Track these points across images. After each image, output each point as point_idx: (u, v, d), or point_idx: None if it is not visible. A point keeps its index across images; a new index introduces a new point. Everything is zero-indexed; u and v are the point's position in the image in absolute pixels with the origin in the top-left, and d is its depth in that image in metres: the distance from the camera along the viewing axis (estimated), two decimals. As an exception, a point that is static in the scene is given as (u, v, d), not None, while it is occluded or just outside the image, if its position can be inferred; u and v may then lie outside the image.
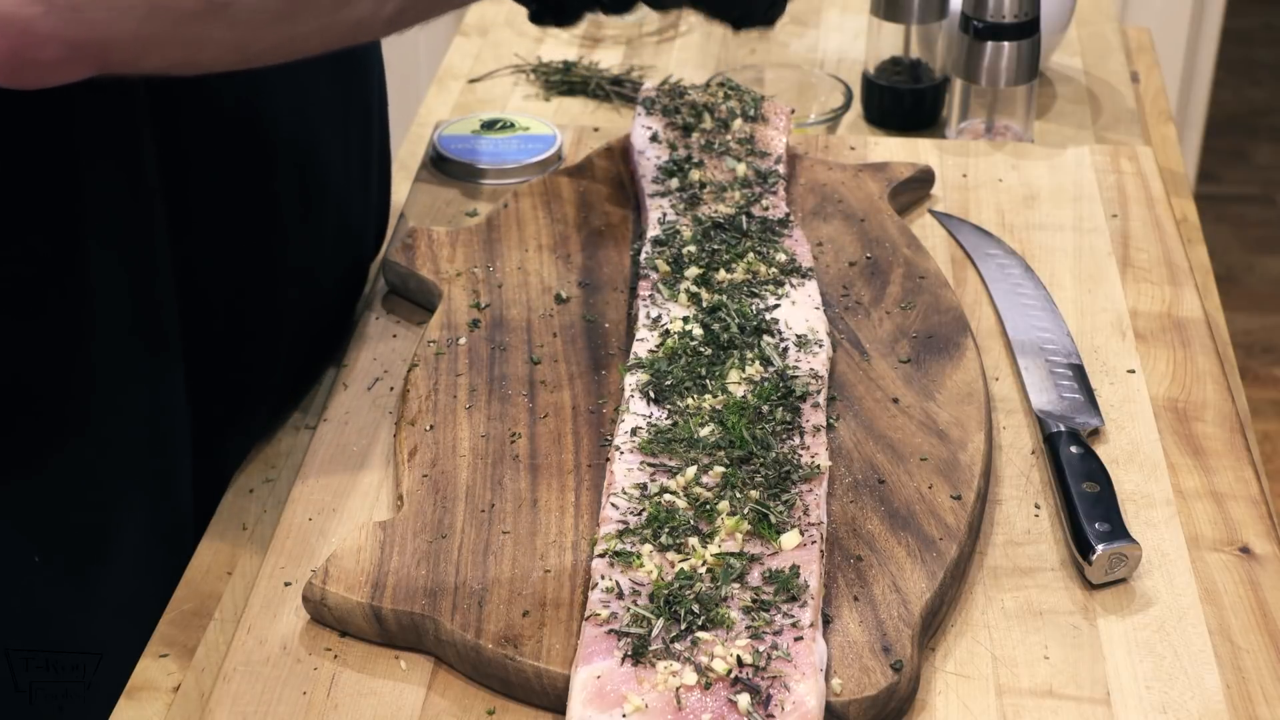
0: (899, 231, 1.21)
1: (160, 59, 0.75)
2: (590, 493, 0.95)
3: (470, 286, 1.14)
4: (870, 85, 1.49)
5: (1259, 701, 0.86)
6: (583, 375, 1.06)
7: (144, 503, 1.04)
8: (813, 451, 0.96)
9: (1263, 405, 2.73)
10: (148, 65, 0.75)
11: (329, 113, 1.12)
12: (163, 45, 0.73)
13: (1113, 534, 0.92)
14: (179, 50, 0.74)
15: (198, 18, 0.73)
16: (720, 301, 1.08)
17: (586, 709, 0.79)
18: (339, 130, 1.15)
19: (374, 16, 0.80)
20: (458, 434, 1.00)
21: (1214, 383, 1.10)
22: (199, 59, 0.76)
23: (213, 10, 0.73)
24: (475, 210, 1.28)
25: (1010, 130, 1.40)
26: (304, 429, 1.10)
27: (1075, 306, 1.17)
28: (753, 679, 0.80)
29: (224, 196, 1.04)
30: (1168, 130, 1.58)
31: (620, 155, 1.31)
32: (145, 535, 1.05)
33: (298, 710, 0.85)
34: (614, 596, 0.85)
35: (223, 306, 1.07)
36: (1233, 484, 1.01)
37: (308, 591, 0.89)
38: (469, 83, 1.57)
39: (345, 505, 0.98)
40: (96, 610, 1.06)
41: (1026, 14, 1.36)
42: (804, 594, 0.85)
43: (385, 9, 0.80)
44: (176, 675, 0.90)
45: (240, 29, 0.75)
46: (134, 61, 0.74)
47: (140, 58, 0.74)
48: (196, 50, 0.75)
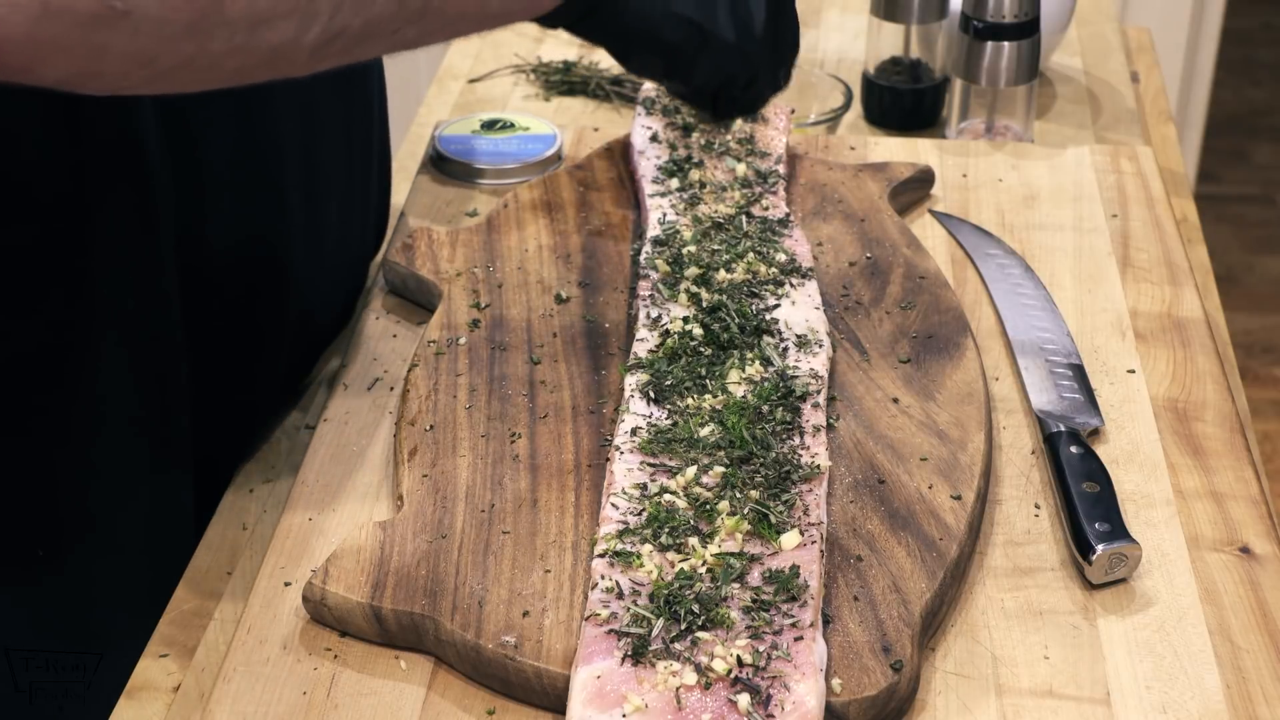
0: (899, 231, 1.21)
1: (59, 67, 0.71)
2: (590, 493, 0.95)
3: (470, 286, 1.14)
4: (870, 85, 1.50)
5: (1259, 701, 0.86)
6: (583, 375, 1.06)
7: (144, 495, 1.04)
8: (813, 451, 0.96)
9: (1263, 405, 2.73)
10: (47, 73, 0.71)
11: (332, 112, 1.12)
12: (61, 51, 0.70)
13: (1113, 534, 0.92)
14: (79, 59, 0.70)
15: (97, 23, 0.69)
16: (720, 301, 1.08)
17: (586, 709, 0.79)
18: (341, 129, 1.15)
19: (294, 44, 0.76)
20: (458, 434, 1.00)
21: (1214, 383, 1.10)
22: (101, 69, 0.72)
23: (113, 15, 0.69)
24: (475, 210, 1.28)
25: (1010, 130, 1.40)
26: (304, 429, 1.10)
27: (1075, 306, 1.17)
28: (753, 679, 0.80)
29: (232, 194, 1.05)
30: (1168, 130, 1.58)
31: (620, 155, 1.31)
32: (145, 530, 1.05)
33: (298, 710, 0.85)
34: (614, 596, 0.85)
35: (227, 303, 1.07)
36: (1233, 484, 1.01)
37: (308, 591, 0.89)
38: (469, 83, 1.57)
39: (345, 505, 0.98)
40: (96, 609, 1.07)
41: (1026, 14, 1.36)
42: (804, 594, 0.85)
43: (306, 36, 0.76)
44: (176, 675, 0.90)
45: (144, 40, 0.71)
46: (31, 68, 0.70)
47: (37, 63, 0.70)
48: (98, 59, 0.71)
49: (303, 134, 1.09)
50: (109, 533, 1.04)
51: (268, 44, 0.75)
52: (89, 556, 1.04)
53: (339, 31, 0.78)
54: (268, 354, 1.11)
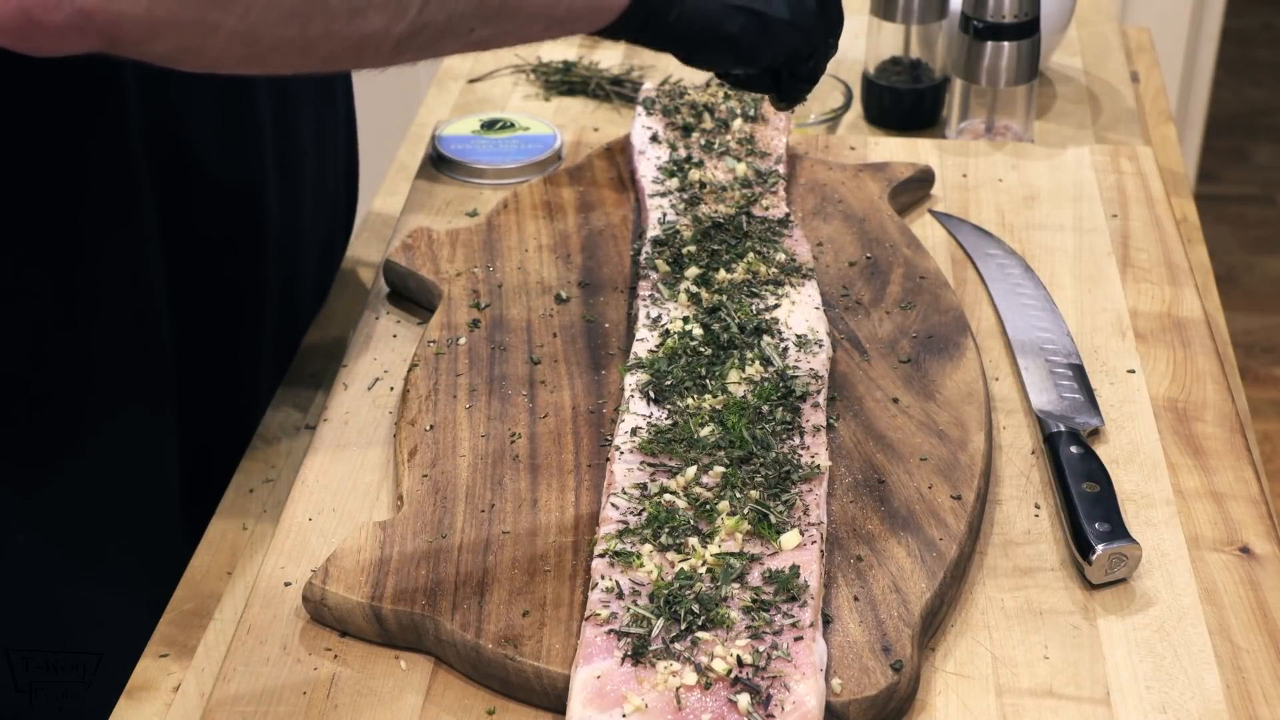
0: (899, 231, 1.21)
1: (168, 43, 0.75)
2: (590, 493, 0.95)
3: (470, 286, 1.14)
4: (870, 85, 1.50)
5: (1259, 701, 0.86)
6: (583, 375, 1.06)
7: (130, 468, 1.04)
8: (813, 451, 0.96)
9: (1263, 405, 2.72)
10: (156, 48, 0.75)
11: (303, 88, 1.16)
12: (173, 28, 0.74)
13: (1113, 534, 0.92)
14: (188, 35, 0.75)
15: (212, 4, 0.74)
16: (720, 301, 1.08)
17: (586, 709, 0.79)
18: (311, 106, 1.18)
19: (384, 34, 0.81)
20: (458, 434, 1.00)
21: (1214, 383, 1.10)
22: (207, 47, 0.76)
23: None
24: (475, 210, 1.28)
25: (1010, 130, 1.40)
26: (304, 429, 1.10)
27: (1075, 306, 1.17)
28: (753, 679, 0.80)
29: (215, 171, 1.06)
30: (1168, 130, 1.58)
31: (620, 155, 1.31)
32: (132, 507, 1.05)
33: (298, 710, 0.85)
34: (614, 596, 0.85)
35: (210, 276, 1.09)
36: (1233, 484, 1.01)
37: (308, 591, 0.89)
38: (469, 83, 1.57)
39: (345, 505, 0.98)
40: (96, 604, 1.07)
41: (1026, 14, 1.36)
42: (804, 594, 0.85)
43: (396, 28, 0.81)
44: (176, 675, 0.90)
45: (253, 20, 0.75)
46: (142, 42, 0.74)
47: (149, 38, 0.74)
48: (206, 37, 0.75)
49: (277, 111, 1.10)
50: (93, 508, 1.04)
51: (360, 33, 0.80)
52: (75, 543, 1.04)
53: (424, 26, 0.82)
54: (249, 326, 1.13)
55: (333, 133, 1.23)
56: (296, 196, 1.17)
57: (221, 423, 1.13)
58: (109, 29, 0.72)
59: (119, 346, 1.03)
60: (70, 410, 1.02)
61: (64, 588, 1.06)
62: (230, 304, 1.12)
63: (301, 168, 1.17)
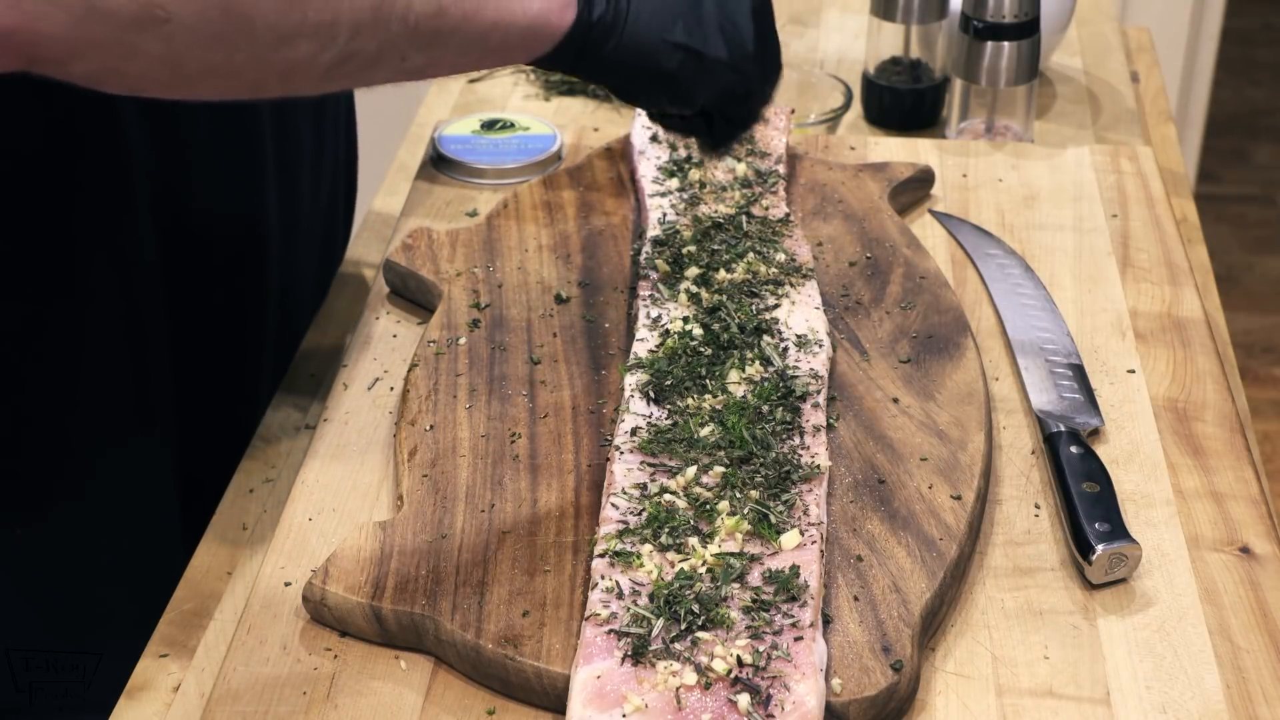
0: (899, 231, 1.21)
1: (90, 64, 0.74)
2: (590, 493, 0.95)
3: (470, 286, 1.14)
4: (870, 85, 1.49)
5: (1259, 701, 0.86)
6: (583, 375, 1.06)
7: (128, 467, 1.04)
8: (813, 451, 0.96)
9: (1263, 405, 2.72)
10: (77, 69, 0.74)
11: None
12: (95, 49, 0.73)
13: (1113, 534, 0.92)
14: (111, 57, 0.74)
15: (134, 26, 0.73)
16: (720, 301, 1.08)
17: (586, 709, 0.79)
18: (311, 101, 1.18)
19: (311, 63, 0.80)
20: (458, 434, 1.00)
21: (1214, 383, 1.10)
22: (129, 70, 0.75)
23: (151, 22, 0.73)
24: (475, 210, 1.28)
25: (1010, 130, 1.40)
26: (304, 429, 1.10)
27: (1075, 306, 1.17)
28: (753, 679, 0.80)
29: (213, 164, 1.06)
30: (1168, 130, 1.58)
31: (620, 155, 1.31)
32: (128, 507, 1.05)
33: (298, 710, 0.85)
34: (614, 596, 0.85)
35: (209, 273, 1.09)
36: (1233, 484, 1.01)
37: (308, 591, 0.89)
38: (469, 83, 1.57)
39: (345, 505, 0.98)
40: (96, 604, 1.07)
41: (1026, 14, 1.36)
42: (804, 594, 0.85)
43: (323, 56, 0.80)
44: (176, 675, 0.90)
45: (176, 45, 0.74)
46: (63, 62, 0.73)
47: (70, 59, 0.73)
48: (128, 60, 0.74)
49: (276, 110, 1.11)
50: (90, 506, 1.04)
51: (287, 60, 0.79)
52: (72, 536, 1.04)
53: (353, 54, 0.81)
54: (249, 326, 1.13)
55: (332, 132, 1.23)
56: (296, 196, 1.17)
57: (221, 423, 1.13)
58: (28, 48, 0.71)
59: (114, 348, 1.03)
60: (67, 411, 1.02)
61: (64, 588, 1.06)
62: (230, 303, 1.12)
63: (301, 167, 1.17)
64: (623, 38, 0.94)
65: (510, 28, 0.89)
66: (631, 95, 1.01)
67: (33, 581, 1.05)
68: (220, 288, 1.11)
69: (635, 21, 0.95)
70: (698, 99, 1.00)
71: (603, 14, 0.93)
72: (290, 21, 0.77)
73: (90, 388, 1.03)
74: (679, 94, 0.99)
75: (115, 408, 1.04)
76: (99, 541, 1.06)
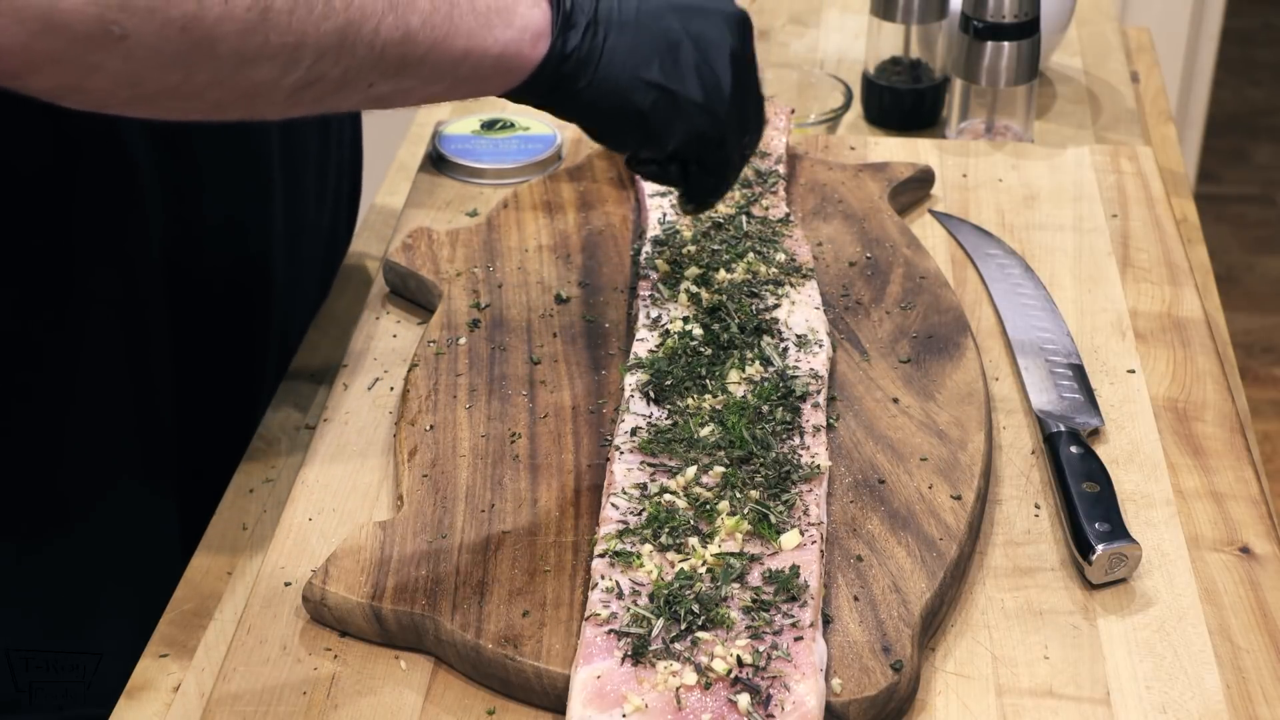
0: (899, 231, 1.21)
1: (49, 79, 0.74)
2: (590, 493, 0.95)
3: (470, 286, 1.14)
4: (870, 85, 1.49)
5: (1259, 701, 0.86)
6: (583, 375, 1.06)
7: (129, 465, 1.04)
8: (813, 451, 0.96)
9: (1263, 405, 2.72)
10: (35, 84, 0.74)
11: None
12: (52, 64, 0.72)
13: (1113, 534, 0.92)
14: (69, 73, 0.73)
15: (91, 43, 0.72)
16: (720, 301, 1.08)
17: (586, 709, 0.79)
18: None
19: (274, 85, 0.79)
20: (458, 434, 1.00)
21: (1214, 383, 1.10)
22: (88, 87, 0.75)
23: (108, 39, 0.72)
24: (475, 210, 1.28)
25: (1010, 130, 1.40)
26: (304, 429, 1.10)
27: (1075, 306, 1.17)
28: (753, 679, 0.80)
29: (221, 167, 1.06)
30: (1168, 130, 1.58)
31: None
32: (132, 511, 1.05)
33: (298, 710, 0.85)
34: (614, 596, 0.85)
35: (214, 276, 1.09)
36: (1233, 484, 1.01)
37: (308, 591, 0.89)
38: (469, 83, 1.56)
39: (345, 505, 0.98)
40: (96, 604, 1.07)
41: (1026, 14, 1.36)
42: (804, 594, 0.85)
43: (286, 79, 0.79)
44: (176, 675, 0.90)
45: (135, 64, 0.74)
46: (21, 75, 0.73)
47: (27, 73, 0.73)
48: (86, 77, 0.74)
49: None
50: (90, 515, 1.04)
51: (250, 82, 0.78)
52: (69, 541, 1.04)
53: (317, 79, 0.80)
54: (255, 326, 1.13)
55: (338, 135, 1.23)
56: (301, 200, 1.17)
57: (222, 423, 1.13)
58: None
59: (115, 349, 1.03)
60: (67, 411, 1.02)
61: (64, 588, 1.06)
62: (233, 304, 1.12)
63: (306, 171, 1.17)
64: (597, 73, 0.93)
65: (482, 58, 0.88)
66: (604, 136, 0.99)
67: (33, 581, 1.05)
68: (224, 289, 1.11)
69: (610, 58, 0.93)
70: (669, 141, 0.98)
71: (576, 47, 0.91)
72: (252, 44, 0.77)
73: (90, 388, 1.03)
74: (651, 134, 0.97)
75: (116, 409, 1.04)
76: (99, 542, 1.06)
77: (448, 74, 0.87)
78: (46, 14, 0.70)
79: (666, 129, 0.96)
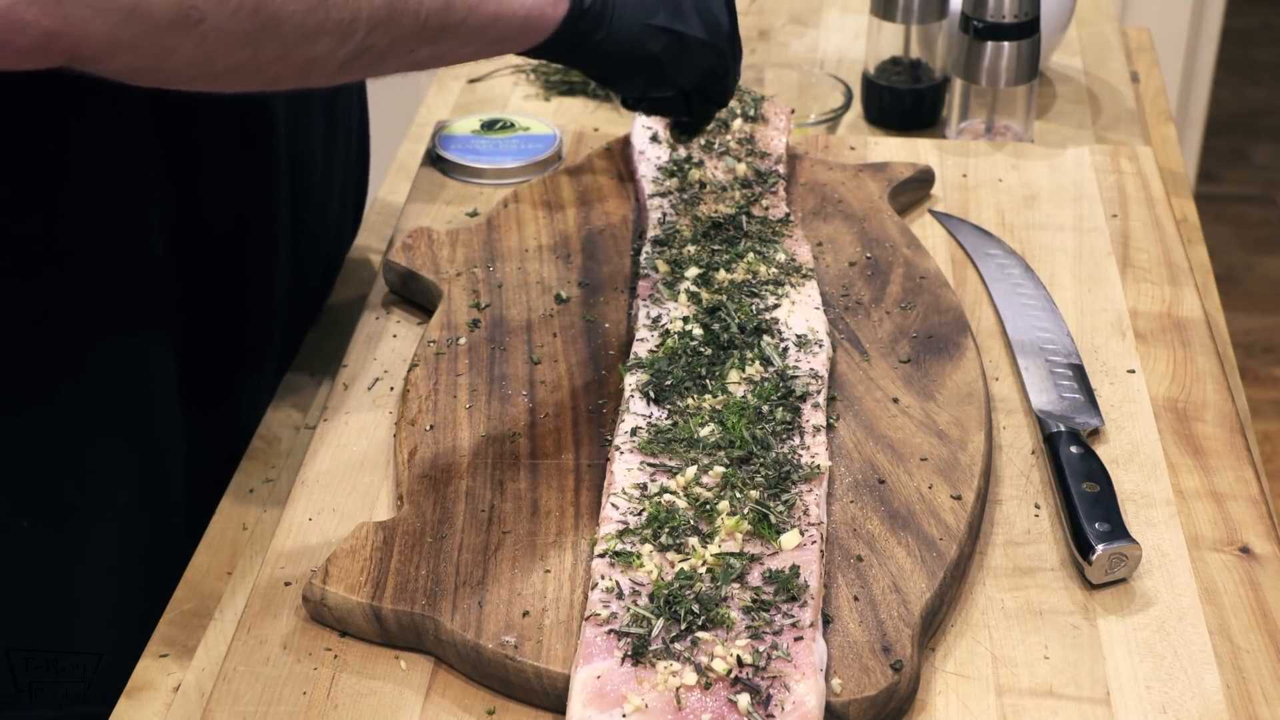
0: (899, 231, 1.21)
1: (126, 62, 0.78)
2: (590, 493, 0.95)
3: (470, 286, 1.14)
4: (870, 85, 1.49)
5: (1259, 701, 0.86)
6: (583, 375, 1.06)
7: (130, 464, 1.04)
8: (813, 451, 0.96)
9: (1263, 405, 2.72)
10: (113, 66, 0.78)
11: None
12: (132, 49, 0.77)
13: (1113, 534, 0.92)
14: (147, 56, 0.78)
15: (171, 29, 0.76)
16: (720, 301, 1.08)
17: (586, 709, 0.79)
18: (325, 94, 1.20)
19: (329, 57, 0.85)
20: (458, 434, 1.00)
21: (1214, 383, 1.10)
22: (163, 68, 0.79)
23: (186, 24, 0.77)
24: (475, 210, 1.28)
25: (1010, 130, 1.40)
26: (304, 429, 1.10)
27: (1075, 306, 1.17)
28: (753, 679, 0.80)
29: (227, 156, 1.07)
30: (1168, 130, 1.58)
31: (620, 155, 1.31)
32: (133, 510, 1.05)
33: (298, 710, 0.85)
34: (614, 596, 0.85)
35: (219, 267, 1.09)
36: (1233, 484, 1.01)
37: (308, 591, 0.89)
38: (469, 83, 1.57)
39: (345, 505, 0.98)
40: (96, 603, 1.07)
41: (1026, 14, 1.36)
42: (804, 594, 0.85)
43: (341, 51, 0.85)
44: (176, 675, 0.90)
45: (209, 46, 0.78)
46: (102, 60, 0.77)
47: (108, 57, 0.77)
48: (163, 59, 0.78)
49: (291, 104, 1.11)
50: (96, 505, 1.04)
51: (308, 56, 0.83)
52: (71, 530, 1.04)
53: (367, 49, 0.86)
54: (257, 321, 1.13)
55: (345, 122, 1.23)
56: (308, 194, 1.17)
57: (224, 422, 1.13)
58: (71, 49, 0.75)
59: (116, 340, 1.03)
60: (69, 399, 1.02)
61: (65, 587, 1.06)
62: (237, 300, 1.12)
63: (313, 165, 1.17)
64: (611, 26, 1.01)
65: (510, 20, 0.94)
66: (616, 82, 1.08)
67: (33, 581, 1.05)
68: (228, 284, 1.11)
69: (621, 10, 1.01)
70: (680, 80, 1.07)
71: (592, 4, 0.99)
72: (314, 20, 0.82)
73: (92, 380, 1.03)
74: (662, 76, 1.06)
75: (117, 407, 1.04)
76: (99, 541, 1.06)
77: (479, 37, 0.93)
78: (131, 4, 0.75)
79: (678, 68, 1.06)
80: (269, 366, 1.17)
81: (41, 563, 1.04)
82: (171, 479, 1.09)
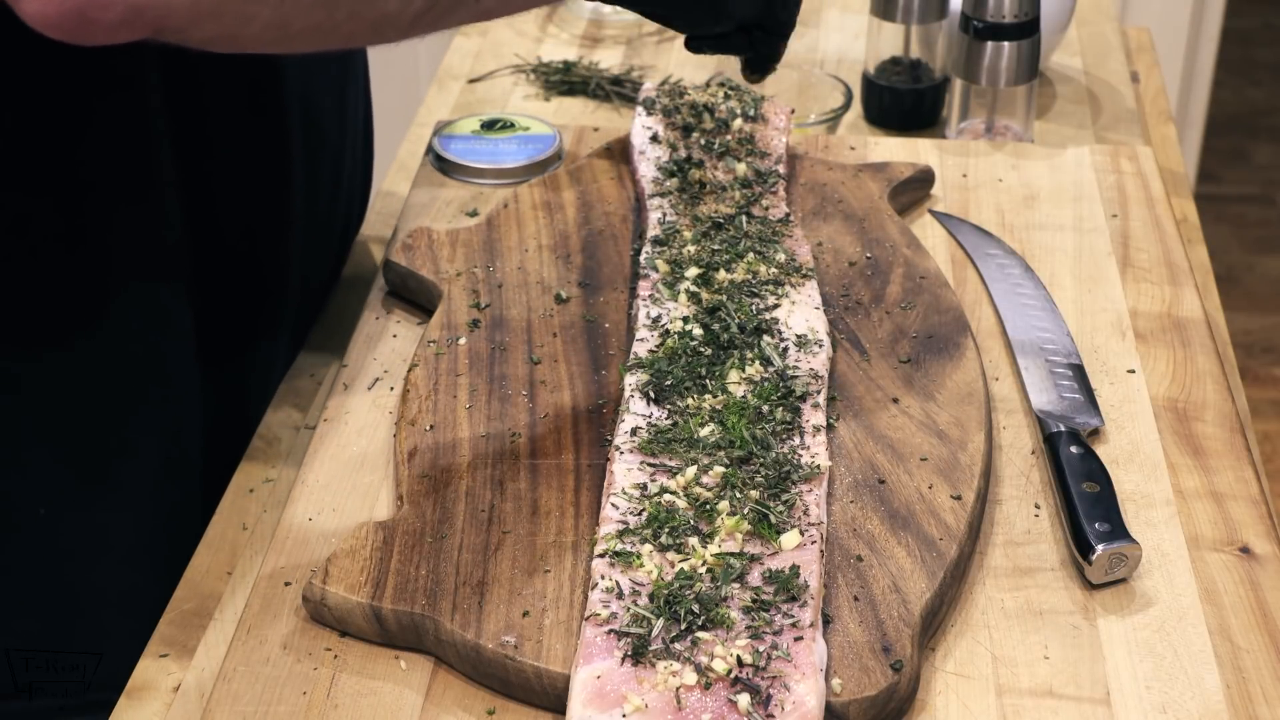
0: (899, 231, 1.21)
1: (209, 30, 0.80)
2: (590, 493, 0.95)
3: (470, 286, 1.14)
4: (870, 85, 1.49)
5: (1259, 701, 0.86)
6: (583, 375, 1.06)
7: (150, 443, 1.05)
8: (813, 451, 0.96)
9: (1263, 405, 2.73)
10: (196, 35, 0.80)
11: (324, 65, 1.18)
12: (214, 18, 0.79)
13: (1113, 534, 0.92)
14: (228, 23, 0.80)
15: None
16: (720, 301, 1.08)
17: (586, 709, 0.79)
18: (335, 84, 1.20)
19: (400, 14, 0.86)
20: (458, 434, 1.00)
21: (1214, 383, 1.10)
22: (243, 34, 0.81)
23: None
24: (475, 210, 1.28)
25: (1010, 130, 1.40)
26: (304, 429, 1.10)
27: (1075, 306, 1.17)
28: (753, 679, 0.80)
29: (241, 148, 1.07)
30: (1168, 130, 1.58)
31: (620, 155, 1.31)
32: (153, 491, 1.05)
33: (298, 710, 0.85)
34: (614, 596, 0.85)
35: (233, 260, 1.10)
36: (1233, 484, 1.01)
37: (308, 591, 0.89)
38: (469, 83, 1.57)
39: (345, 505, 0.98)
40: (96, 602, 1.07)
41: (1026, 14, 1.36)
42: (804, 594, 0.85)
43: (411, 8, 0.86)
44: (176, 675, 0.90)
45: (286, 9, 0.80)
46: (185, 30, 0.79)
47: (191, 27, 0.79)
48: (243, 25, 0.80)
49: (304, 87, 1.11)
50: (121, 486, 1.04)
51: (381, 13, 0.85)
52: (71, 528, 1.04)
53: (436, 2, 0.88)
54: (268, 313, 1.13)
55: (354, 115, 1.24)
56: (318, 184, 1.17)
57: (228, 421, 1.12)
58: (157, 21, 0.77)
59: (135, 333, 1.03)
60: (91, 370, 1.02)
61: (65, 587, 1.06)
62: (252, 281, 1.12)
63: (324, 149, 1.17)
64: None
65: None
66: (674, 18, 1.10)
67: (34, 581, 1.05)
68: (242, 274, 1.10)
69: None
70: (738, 13, 1.09)
71: None
72: None
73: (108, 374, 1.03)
74: (720, 10, 1.08)
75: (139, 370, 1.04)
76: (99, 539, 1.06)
77: None
78: None
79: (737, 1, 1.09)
80: (279, 354, 1.16)
81: (57, 551, 1.04)
82: (189, 458, 1.09)
